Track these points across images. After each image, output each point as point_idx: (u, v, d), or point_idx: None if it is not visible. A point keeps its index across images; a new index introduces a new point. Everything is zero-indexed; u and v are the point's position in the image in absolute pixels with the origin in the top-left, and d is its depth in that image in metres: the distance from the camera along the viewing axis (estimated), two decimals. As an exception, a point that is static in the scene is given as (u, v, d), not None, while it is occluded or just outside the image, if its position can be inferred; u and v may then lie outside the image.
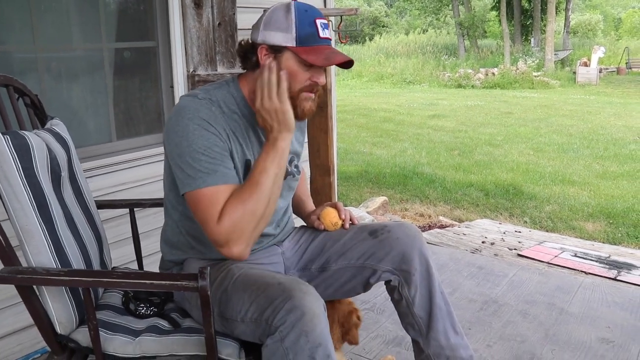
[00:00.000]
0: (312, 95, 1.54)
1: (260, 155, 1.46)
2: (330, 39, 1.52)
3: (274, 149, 1.44)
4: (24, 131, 1.52)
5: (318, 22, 1.48)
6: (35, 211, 1.43)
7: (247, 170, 1.54)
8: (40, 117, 1.78)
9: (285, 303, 1.31)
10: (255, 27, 1.53)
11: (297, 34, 1.46)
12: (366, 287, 1.73)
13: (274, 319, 1.31)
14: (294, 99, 1.50)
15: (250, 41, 1.55)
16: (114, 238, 2.43)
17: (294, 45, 1.46)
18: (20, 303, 2.10)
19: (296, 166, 1.74)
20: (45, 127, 1.70)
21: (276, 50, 1.48)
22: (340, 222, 1.77)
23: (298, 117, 1.52)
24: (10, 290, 2.08)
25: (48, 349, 2.37)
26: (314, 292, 1.35)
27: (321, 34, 1.48)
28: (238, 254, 1.40)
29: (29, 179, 1.44)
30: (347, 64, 1.54)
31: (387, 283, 1.72)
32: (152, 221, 2.65)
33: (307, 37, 1.46)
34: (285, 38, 1.47)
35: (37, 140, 1.51)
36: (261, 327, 1.36)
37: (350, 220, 1.80)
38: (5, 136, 1.40)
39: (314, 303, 1.32)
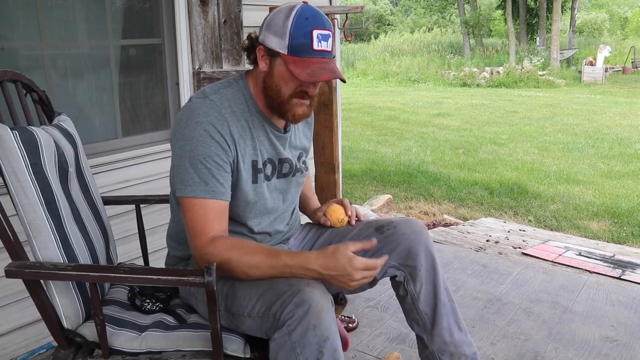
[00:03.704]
0: (305, 101, 1.53)
1: (289, 256, 1.42)
2: (329, 51, 1.47)
3: (299, 268, 1.40)
4: (32, 127, 1.53)
5: (315, 32, 1.44)
6: (43, 206, 1.45)
7: (254, 169, 1.56)
8: (47, 113, 1.79)
9: (294, 297, 1.32)
10: (261, 25, 1.54)
11: (289, 43, 1.44)
12: (372, 282, 1.74)
13: (282, 313, 1.33)
14: (284, 104, 1.51)
15: (254, 37, 1.56)
16: (120, 234, 2.44)
17: (286, 53, 1.45)
18: (26, 298, 2.12)
19: (304, 162, 1.75)
20: (53, 122, 1.72)
21: (271, 54, 1.49)
22: (346, 219, 1.78)
23: (289, 120, 1.56)
24: (16, 285, 2.10)
25: (53, 344, 2.40)
26: (322, 287, 1.37)
27: (315, 46, 1.44)
28: (201, 266, 1.45)
29: (37, 174, 1.45)
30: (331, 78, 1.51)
31: (393, 279, 1.73)
32: (157, 218, 2.67)
33: (299, 48, 1.44)
34: (279, 44, 1.46)
35: (45, 135, 1.52)
36: (268, 322, 1.37)
37: (357, 217, 1.81)
38: (13, 131, 1.42)
39: (322, 297, 1.33)
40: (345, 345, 1.68)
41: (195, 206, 1.46)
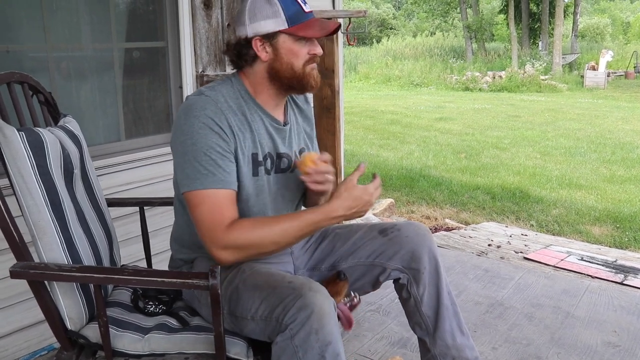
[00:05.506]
0: (314, 65, 1.59)
1: (312, 213, 1.48)
2: (312, 12, 1.57)
3: (325, 220, 1.48)
4: (38, 128, 1.54)
5: None
6: (48, 208, 1.45)
7: (255, 162, 1.57)
8: (53, 115, 1.80)
9: (296, 301, 1.32)
10: (240, 24, 1.55)
11: (286, 16, 1.51)
12: (375, 285, 1.74)
13: (285, 317, 1.33)
14: (302, 76, 1.55)
15: (240, 38, 1.56)
16: (123, 236, 2.44)
17: (287, 26, 1.51)
18: (28, 300, 2.12)
19: None
20: (59, 124, 1.73)
21: (270, 38, 1.53)
22: (319, 161, 1.61)
23: (312, 89, 1.59)
24: (19, 286, 2.10)
25: (55, 346, 2.41)
26: (324, 291, 1.37)
27: (305, 9, 1.54)
28: (224, 261, 1.44)
29: (43, 175, 1.46)
30: (335, 30, 1.58)
31: (396, 281, 1.73)
32: (160, 220, 2.67)
33: (296, 16, 1.51)
34: (276, 23, 1.51)
35: (50, 137, 1.53)
36: (271, 325, 1.37)
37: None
38: (20, 133, 1.43)
39: (324, 302, 1.33)
40: (349, 324, 1.68)
41: (207, 198, 1.44)
